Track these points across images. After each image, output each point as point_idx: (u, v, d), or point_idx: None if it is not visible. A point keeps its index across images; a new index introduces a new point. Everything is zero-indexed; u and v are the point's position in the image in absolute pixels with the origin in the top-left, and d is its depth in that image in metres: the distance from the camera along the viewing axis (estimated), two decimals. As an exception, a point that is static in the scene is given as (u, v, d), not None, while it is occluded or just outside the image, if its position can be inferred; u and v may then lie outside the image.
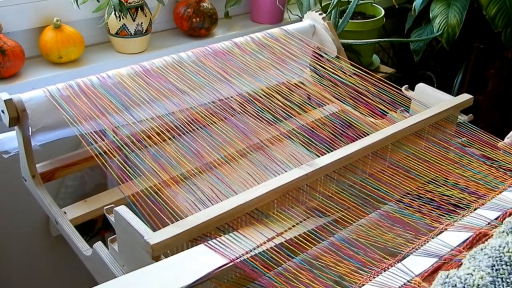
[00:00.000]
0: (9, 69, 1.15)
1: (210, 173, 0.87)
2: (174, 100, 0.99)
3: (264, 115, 0.97)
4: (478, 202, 0.86)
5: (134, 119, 0.94)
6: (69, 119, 0.91)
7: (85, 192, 1.25)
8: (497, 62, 1.93)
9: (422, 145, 1.00)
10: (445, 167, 0.94)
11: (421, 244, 0.78)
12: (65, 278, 1.41)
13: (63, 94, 0.94)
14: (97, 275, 0.84)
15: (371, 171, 0.94)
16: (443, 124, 1.03)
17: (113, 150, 0.88)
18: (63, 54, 1.22)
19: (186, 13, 1.39)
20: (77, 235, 0.87)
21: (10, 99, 0.89)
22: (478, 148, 0.98)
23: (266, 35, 1.19)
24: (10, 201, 1.25)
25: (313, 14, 1.27)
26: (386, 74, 1.65)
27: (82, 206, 0.95)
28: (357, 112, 1.07)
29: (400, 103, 1.06)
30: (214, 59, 1.09)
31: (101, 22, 1.26)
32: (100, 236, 1.24)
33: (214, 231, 0.74)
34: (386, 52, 2.04)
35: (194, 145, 0.89)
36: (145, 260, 0.69)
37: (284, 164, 0.87)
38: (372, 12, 1.68)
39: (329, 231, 0.79)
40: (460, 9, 1.68)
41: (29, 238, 1.32)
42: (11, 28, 1.20)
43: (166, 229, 0.69)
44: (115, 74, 1.00)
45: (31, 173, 0.94)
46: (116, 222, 0.74)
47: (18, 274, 1.36)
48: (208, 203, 0.79)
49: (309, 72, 1.19)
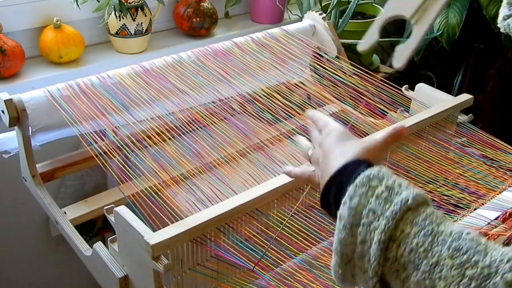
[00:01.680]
0: (9, 69, 1.15)
1: (210, 173, 0.87)
2: (174, 100, 0.99)
3: (264, 115, 0.97)
4: (478, 202, 0.86)
5: (134, 119, 0.94)
6: (69, 119, 0.91)
7: (85, 192, 1.25)
8: (497, 62, 1.93)
9: (422, 145, 1.00)
10: (445, 167, 0.94)
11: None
12: (65, 278, 1.41)
13: (63, 94, 0.94)
14: (97, 275, 0.84)
15: (371, 171, 0.93)
16: (443, 124, 1.03)
17: (113, 150, 0.88)
18: (63, 54, 1.22)
19: (186, 13, 1.39)
20: (77, 235, 0.87)
21: (10, 99, 0.89)
22: (478, 148, 0.98)
23: (266, 35, 1.19)
24: (10, 201, 1.25)
25: (313, 14, 1.27)
26: (386, 74, 1.65)
27: (82, 206, 0.95)
28: (357, 112, 1.07)
29: (400, 103, 1.06)
30: (214, 59, 1.09)
31: (101, 22, 1.26)
32: (100, 236, 1.24)
33: (214, 231, 0.74)
34: (386, 52, 2.04)
35: (194, 145, 0.89)
36: (145, 260, 0.69)
37: (284, 164, 0.87)
38: (372, 12, 1.68)
39: (329, 231, 0.79)
40: (460, 9, 1.68)
41: (29, 238, 1.32)
42: (11, 28, 1.20)
43: (166, 229, 0.69)
44: (115, 74, 1.00)
45: (31, 173, 0.94)
46: (116, 222, 0.74)
47: (18, 274, 1.36)
48: (208, 203, 0.79)
49: (309, 72, 1.19)
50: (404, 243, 0.48)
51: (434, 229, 0.48)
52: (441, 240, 0.47)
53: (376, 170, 0.53)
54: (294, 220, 0.79)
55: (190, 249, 0.73)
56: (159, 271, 0.68)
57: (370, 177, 0.52)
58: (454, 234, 0.47)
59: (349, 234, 0.51)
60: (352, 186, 0.52)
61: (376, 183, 0.52)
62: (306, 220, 0.79)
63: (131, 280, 0.76)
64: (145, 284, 0.72)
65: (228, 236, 0.75)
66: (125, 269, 0.76)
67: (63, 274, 1.40)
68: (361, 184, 0.52)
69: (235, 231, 0.76)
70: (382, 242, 0.48)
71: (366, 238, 0.50)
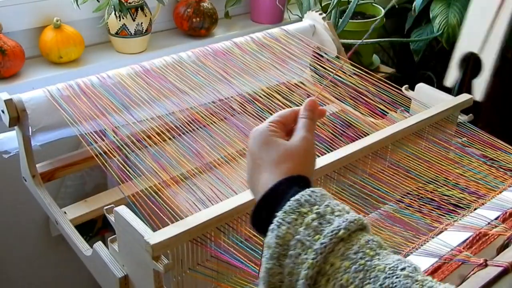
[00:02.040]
0: (9, 69, 1.15)
1: (210, 173, 0.87)
2: (174, 100, 0.99)
3: (264, 115, 0.97)
4: (478, 202, 0.86)
5: (134, 119, 0.94)
6: (69, 119, 0.91)
7: (85, 192, 1.25)
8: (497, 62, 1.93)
9: (422, 145, 1.00)
10: (445, 167, 0.94)
11: (421, 244, 0.78)
12: (65, 278, 1.41)
13: (63, 94, 0.94)
14: (97, 275, 0.84)
15: (371, 171, 0.94)
16: (443, 124, 1.03)
17: (113, 150, 0.88)
18: (63, 54, 1.22)
19: (186, 13, 1.39)
20: (77, 235, 0.87)
21: (10, 99, 0.89)
22: (478, 148, 0.98)
23: (266, 35, 1.19)
24: (10, 201, 1.25)
25: (313, 14, 1.27)
26: (386, 74, 1.65)
27: (82, 206, 0.95)
28: (357, 112, 1.07)
29: (400, 103, 1.06)
30: (214, 59, 1.09)
31: (101, 22, 1.26)
32: (100, 236, 1.24)
33: (214, 231, 0.74)
34: (386, 52, 2.04)
35: (194, 145, 0.89)
36: (145, 260, 0.69)
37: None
38: (372, 12, 1.68)
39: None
40: (460, 9, 1.68)
41: (29, 238, 1.32)
42: (11, 28, 1.20)
43: (166, 229, 0.69)
44: (115, 74, 1.00)
45: (31, 173, 0.94)
46: (116, 222, 0.74)
47: (18, 274, 1.36)
48: (208, 203, 0.79)
49: (309, 72, 1.19)
50: (334, 278, 0.45)
51: (366, 263, 0.45)
52: (374, 276, 0.44)
53: (308, 193, 0.50)
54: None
55: (190, 249, 0.73)
56: (159, 271, 0.68)
57: (300, 202, 0.49)
58: (388, 270, 0.45)
59: (276, 265, 0.48)
60: (281, 212, 0.49)
61: (307, 209, 0.49)
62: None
63: (131, 280, 0.76)
64: (145, 284, 0.72)
65: (228, 236, 0.75)
66: (125, 269, 0.76)
67: (63, 274, 1.40)
68: (290, 210, 0.49)
69: (235, 231, 0.76)
70: (310, 278, 0.46)
71: (293, 271, 0.47)
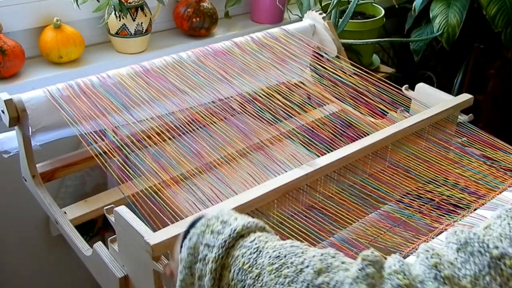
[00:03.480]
0: (9, 69, 1.15)
1: (210, 173, 0.87)
2: (174, 100, 0.99)
3: (264, 115, 0.97)
4: (478, 202, 0.86)
5: (134, 119, 0.94)
6: (69, 119, 0.91)
7: (85, 192, 1.25)
8: (497, 62, 1.93)
9: (422, 145, 1.00)
10: (445, 167, 0.94)
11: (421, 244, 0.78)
12: (65, 278, 1.41)
13: (63, 94, 0.94)
14: (97, 275, 0.84)
15: (371, 171, 0.94)
16: (443, 124, 1.03)
17: (113, 150, 0.88)
18: (63, 54, 1.22)
19: (186, 13, 1.39)
20: (77, 235, 0.87)
21: (10, 99, 0.89)
22: (478, 148, 0.98)
23: (266, 35, 1.19)
24: (10, 201, 1.25)
25: (313, 14, 1.27)
26: (386, 74, 1.65)
27: (82, 206, 0.95)
28: (357, 112, 1.07)
29: (400, 103, 1.06)
30: (214, 59, 1.09)
31: (101, 22, 1.26)
32: (100, 236, 1.24)
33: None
34: (386, 52, 2.04)
35: (194, 145, 0.89)
36: (145, 260, 0.69)
37: (284, 164, 0.87)
38: (372, 12, 1.68)
39: (329, 231, 0.79)
40: (460, 9, 1.68)
41: (29, 238, 1.32)
42: (11, 28, 1.20)
43: (166, 229, 0.69)
44: (115, 74, 1.00)
45: (31, 173, 0.94)
46: (116, 222, 0.74)
47: (18, 274, 1.36)
48: (208, 203, 0.79)
49: (309, 72, 1.19)
50: (234, 266, 0.49)
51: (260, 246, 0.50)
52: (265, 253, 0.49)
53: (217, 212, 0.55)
54: (294, 220, 0.79)
55: (190, 249, 0.73)
56: (159, 271, 0.68)
57: (209, 218, 0.54)
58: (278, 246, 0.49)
59: (188, 274, 0.52)
60: (193, 229, 0.54)
61: (214, 221, 0.54)
62: (306, 220, 0.79)
63: (131, 280, 0.76)
64: (145, 284, 0.72)
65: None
66: (125, 269, 0.76)
67: (63, 274, 1.40)
68: (200, 225, 0.54)
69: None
70: (214, 271, 0.49)
71: (202, 273, 0.51)
